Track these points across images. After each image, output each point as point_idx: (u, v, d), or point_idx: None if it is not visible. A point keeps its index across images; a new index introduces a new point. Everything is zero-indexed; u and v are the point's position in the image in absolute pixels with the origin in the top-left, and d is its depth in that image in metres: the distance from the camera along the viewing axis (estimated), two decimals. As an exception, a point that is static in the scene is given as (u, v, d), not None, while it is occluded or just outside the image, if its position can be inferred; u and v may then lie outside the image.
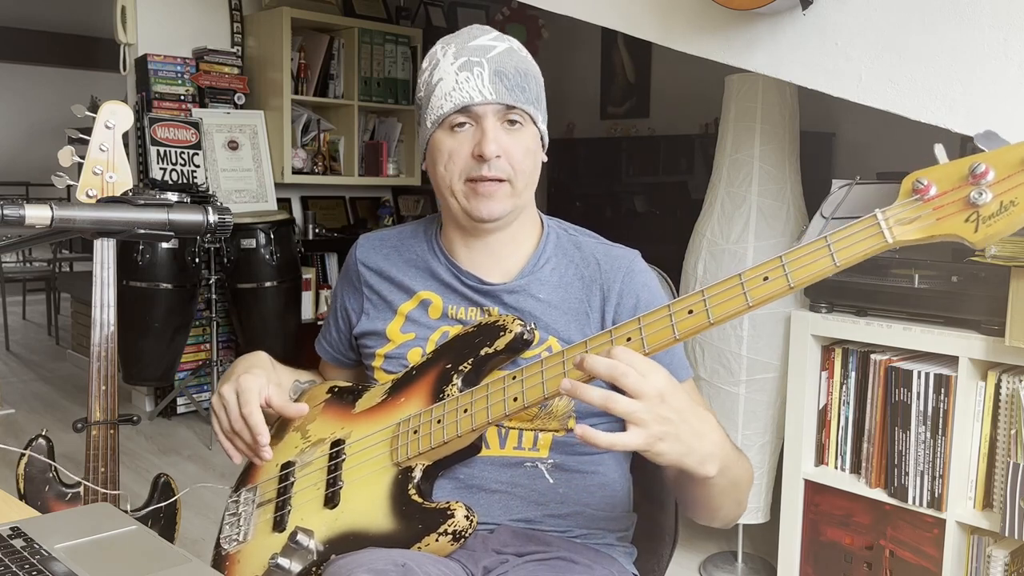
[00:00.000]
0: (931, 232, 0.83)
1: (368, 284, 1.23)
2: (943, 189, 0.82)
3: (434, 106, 1.10)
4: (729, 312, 0.89)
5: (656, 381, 0.87)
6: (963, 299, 1.84)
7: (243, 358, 1.24)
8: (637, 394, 0.87)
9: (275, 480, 1.17)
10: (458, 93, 1.07)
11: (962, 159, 0.82)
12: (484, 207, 1.10)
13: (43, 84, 8.51)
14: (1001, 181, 0.80)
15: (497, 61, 1.09)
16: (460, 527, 1.00)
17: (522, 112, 1.10)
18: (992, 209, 0.80)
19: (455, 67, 1.09)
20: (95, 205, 0.87)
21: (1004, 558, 1.76)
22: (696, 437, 0.90)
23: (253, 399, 1.12)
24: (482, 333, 1.08)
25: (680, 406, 0.89)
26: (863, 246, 0.85)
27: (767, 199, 2.29)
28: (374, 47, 4.37)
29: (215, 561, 1.17)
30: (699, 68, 2.40)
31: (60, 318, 6.08)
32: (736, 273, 0.89)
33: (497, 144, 1.07)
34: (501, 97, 1.07)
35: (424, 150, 1.16)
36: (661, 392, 0.87)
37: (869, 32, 1.77)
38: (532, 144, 1.12)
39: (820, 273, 0.86)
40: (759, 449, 2.38)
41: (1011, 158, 0.80)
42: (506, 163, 1.09)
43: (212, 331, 3.84)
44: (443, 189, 1.12)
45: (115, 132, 1.58)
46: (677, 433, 0.88)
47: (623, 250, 1.19)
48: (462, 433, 1.02)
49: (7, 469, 3.21)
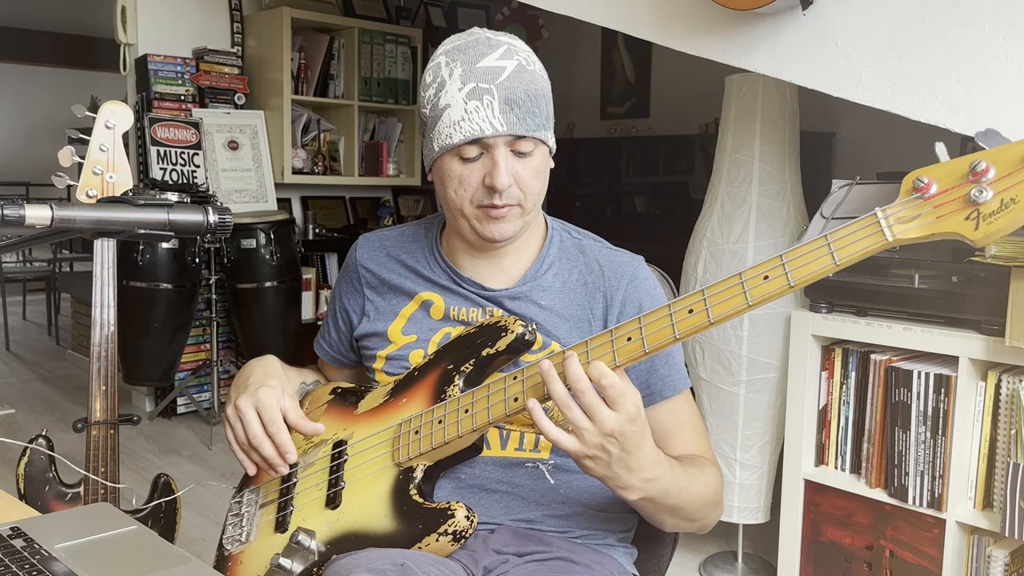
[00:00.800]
0: (931, 230, 0.83)
1: (369, 285, 1.23)
2: (943, 187, 0.82)
3: (442, 133, 1.07)
4: (729, 311, 0.89)
5: (612, 420, 0.92)
6: (963, 299, 1.84)
7: (255, 364, 1.22)
8: (591, 417, 0.92)
9: (277, 481, 1.17)
10: (468, 124, 1.04)
11: (962, 157, 0.82)
12: (496, 230, 1.09)
13: (43, 84, 8.51)
14: (1002, 179, 0.80)
15: (507, 88, 1.05)
16: (460, 527, 1.00)
17: (532, 139, 1.08)
18: (993, 207, 0.80)
19: (463, 94, 1.05)
20: (95, 205, 0.87)
21: (1004, 558, 1.76)
22: (625, 471, 0.95)
23: (277, 416, 1.11)
24: (483, 334, 1.08)
25: (624, 448, 0.93)
26: (863, 244, 0.85)
27: (767, 199, 2.29)
28: (374, 47, 4.37)
29: (218, 562, 1.17)
30: (699, 68, 2.40)
31: (60, 318, 6.08)
32: (736, 272, 0.89)
33: (508, 174, 1.06)
34: (512, 128, 1.05)
35: (431, 164, 1.14)
36: (613, 431, 0.92)
37: (869, 32, 1.77)
38: (542, 164, 1.11)
39: (820, 272, 0.86)
40: (759, 449, 2.38)
41: (1011, 156, 0.80)
42: (517, 190, 1.08)
43: (212, 331, 3.84)
44: (453, 211, 1.11)
45: (115, 132, 1.58)
46: (608, 462, 0.94)
47: (627, 256, 1.19)
48: (463, 433, 1.02)
49: (7, 469, 3.21)
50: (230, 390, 1.20)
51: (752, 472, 2.39)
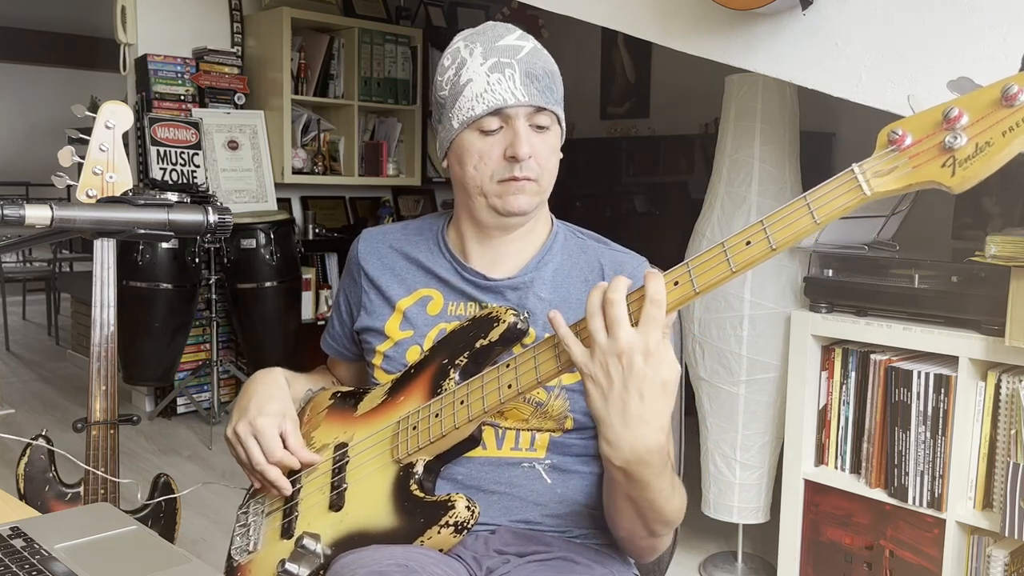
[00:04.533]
0: (908, 181, 0.82)
1: (368, 278, 1.23)
2: (918, 137, 0.82)
3: (463, 107, 1.09)
4: (713, 279, 0.88)
5: (628, 337, 0.86)
6: (963, 299, 1.84)
7: (258, 382, 1.21)
8: (610, 330, 0.88)
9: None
10: (491, 95, 1.07)
11: (935, 106, 0.82)
12: (515, 202, 1.10)
13: (43, 84, 8.51)
14: (975, 123, 0.79)
15: (527, 62, 1.09)
16: (462, 518, 1.00)
17: (550, 113, 1.11)
18: (968, 152, 0.79)
19: (485, 68, 1.08)
20: (95, 205, 0.87)
21: (1004, 558, 1.76)
22: (620, 417, 0.88)
23: (277, 446, 1.10)
24: (476, 326, 1.08)
25: (626, 384, 0.87)
26: (842, 201, 0.84)
27: (767, 199, 2.29)
28: (374, 47, 4.37)
29: (227, 573, 1.17)
30: (699, 68, 2.40)
31: (60, 318, 6.08)
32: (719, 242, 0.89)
33: (528, 144, 1.08)
34: (533, 99, 1.08)
35: (446, 148, 1.15)
36: (623, 349, 0.87)
37: (869, 32, 1.77)
38: (556, 144, 1.14)
39: (801, 232, 0.86)
40: (759, 449, 2.38)
41: (984, 100, 0.80)
42: (535, 163, 1.10)
43: (212, 331, 3.84)
44: (471, 189, 1.12)
45: (115, 132, 1.58)
46: (606, 392, 0.88)
47: (630, 256, 1.20)
48: (459, 424, 1.02)
49: (7, 469, 3.21)
50: (233, 407, 1.20)
51: (752, 472, 2.39)
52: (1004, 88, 0.78)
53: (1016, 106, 0.78)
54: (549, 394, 1.09)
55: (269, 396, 1.17)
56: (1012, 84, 0.78)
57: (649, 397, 0.87)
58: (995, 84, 0.79)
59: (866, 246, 2.18)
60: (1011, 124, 0.78)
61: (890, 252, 2.15)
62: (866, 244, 2.18)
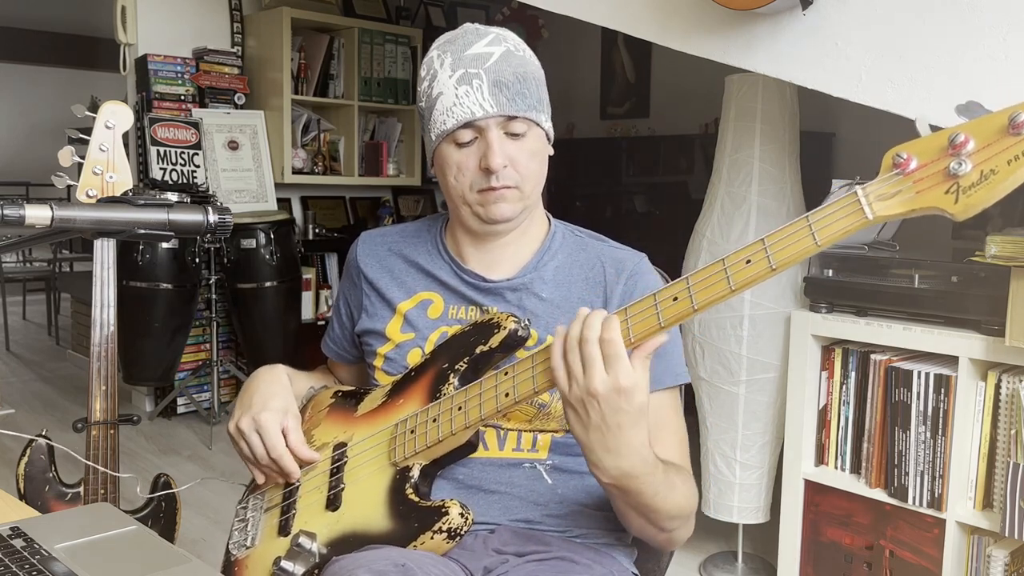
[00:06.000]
0: (912, 206, 0.82)
1: (368, 281, 1.23)
2: (923, 162, 0.81)
3: (436, 120, 1.10)
4: (712, 297, 0.88)
5: (599, 381, 0.89)
6: (963, 299, 1.84)
7: (261, 377, 1.22)
8: (585, 368, 0.90)
9: (281, 485, 1.17)
10: (459, 109, 1.07)
11: (942, 131, 0.81)
12: (495, 210, 1.10)
13: (43, 84, 8.51)
14: (981, 150, 0.78)
15: (495, 71, 1.08)
16: (455, 524, 1.01)
17: (524, 120, 1.10)
18: (972, 179, 0.79)
19: (453, 80, 1.08)
20: (95, 205, 0.87)
21: (1004, 558, 1.76)
22: (601, 446, 0.92)
23: (279, 442, 1.11)
24: (477, 332, 1.08)
25: (604, 419, 0.90)
26: (844, 224, 0.83)
27: (767, 199, 2.29)
28: (374, 47, 4.37)
29: (224, 567, 1.18)
30: (699, 68, 2.40)
31: (60, 318, 6.08)
32: (719, 259, 0.89)
33: (502, 155, 1.08)
34: (502, 108, 1.07)
35: (431, 156, 1.16)
36: (596, 392, 0.89)
37: (869, 32, 1.77)
38: (537, 146, 1.12)
39: (802, 253, 0.85)
40: (759, 449, 2.38)
41: (991, 127, 0.78)
42: (512, 171, 1.09)
43: (212, 331, 3.84)
44: (455, 198, 1.13)
45: (115, 132, 1.58)
46: (586, 426, 0.92)
47: (629, 253, 1.20)
48: (456, 430, 1.02)
49: (7, 469, 3.21)
50: (236, 401, 1.20)
51: (752, 472, 2.39)
52: (1012, 116, 0.77)
53: (1023, 135, 0.77)
54: (552, 396, 1.09)
55: (272, 392, 1.17)
56: (1020, 112, 0.76)
57: (628, 427, 0.91)
58: (1003, 111, 0.78)
59: (866, 246, 2.18)
60: (1017, 153, 0.77)
61: (890, 252, 2.15)
62: (866, 244, 2.18)
